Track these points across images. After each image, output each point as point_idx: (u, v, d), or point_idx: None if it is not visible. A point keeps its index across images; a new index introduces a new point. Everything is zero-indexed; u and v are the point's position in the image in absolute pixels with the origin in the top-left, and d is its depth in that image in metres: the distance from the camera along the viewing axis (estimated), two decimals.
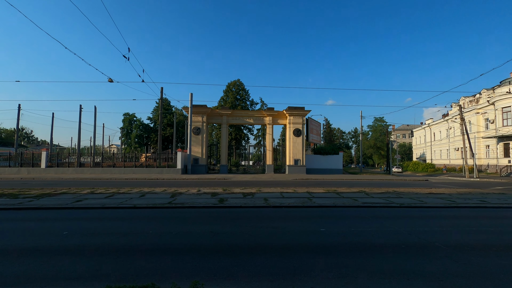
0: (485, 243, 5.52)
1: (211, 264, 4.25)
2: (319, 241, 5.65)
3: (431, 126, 62.21)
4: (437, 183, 22.29)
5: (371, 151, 75.40)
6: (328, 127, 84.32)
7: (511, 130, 35.47)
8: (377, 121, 71.83)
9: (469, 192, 14.71)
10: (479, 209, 9.76)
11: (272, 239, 5.75)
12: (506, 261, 4.54)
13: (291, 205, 9.83)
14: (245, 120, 34.52)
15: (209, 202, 10.08)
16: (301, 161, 31.89)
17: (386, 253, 4.92)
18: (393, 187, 16.91)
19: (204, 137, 31.60)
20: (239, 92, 53.30)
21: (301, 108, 32.32)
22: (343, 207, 9.70)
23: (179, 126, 56.00)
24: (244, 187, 15.98)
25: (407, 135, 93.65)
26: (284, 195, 12.37)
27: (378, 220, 7.74)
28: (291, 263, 4.32)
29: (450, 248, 5.15)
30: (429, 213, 9.05)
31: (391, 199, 11.31)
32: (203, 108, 31.61)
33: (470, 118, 44.62)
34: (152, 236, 5.90)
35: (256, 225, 7.05)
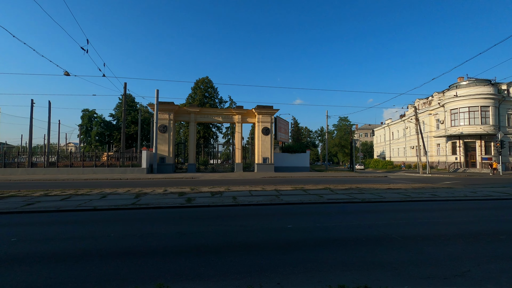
0: (435, 234, 6.03)
1: (177, 265, 4.14)
2: (286, 237, 5.78)
3: (390, 126, 66.43)
4: (395, 179, 23.88)
5: (336, 149, 78.70)
6: (296, 126, 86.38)
7: (458, 130, 39.10)
8: (342, 121, 75.19)
9: (422, 187, 15.97)
10: (431, 202, 10.63)
11: (240, 237, 5.76)
12: (452, 249, 5.01)
13: (260, 203, 9.92)
14: (213, 118, 34.12)
15: (176, 202, 9.82)
16: (270, 159, 32.31)
17: (348, 246, 5.17)
18: (356, 184, 17.80)
19: (171, 135, 30.69)
20: (207, 90, 52.49)
21: (270, 107, 32.72)
22: (310, 204, 10.00)
23: (144, 123, 53.74)
24: (213, 186, 15.81)
25: (368, 134, 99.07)
26: (252, 193, 12.44)
27: (341, 215, 8.10)
28: (258, 260, 4.36)
29: (405, 239, 5.55)
30: (388, 207, 9.67)
31: (353, 195, 11.90)
32: (170, 105, 30.66)
33: (424, 119, 48.39)
34: (113, 239, 5.60)
35: (224, 224, 7.01)
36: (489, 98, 37.60)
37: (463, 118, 39.01)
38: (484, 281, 3.62)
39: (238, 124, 33.17)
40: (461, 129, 38.70)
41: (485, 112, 37.69)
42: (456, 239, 5.61)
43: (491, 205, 10.26)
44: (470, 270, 4.01)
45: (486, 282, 3.59)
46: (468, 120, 38.49)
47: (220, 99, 54.65)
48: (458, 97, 39.24)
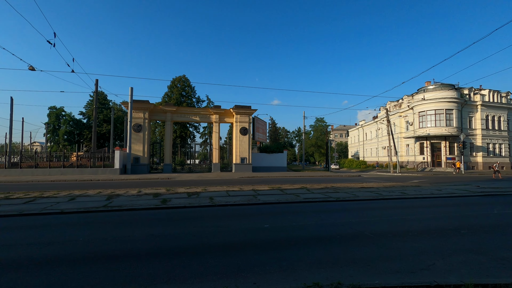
0: (404, 230, 6.33)
1: (150, 269, 4.02)
2: (263, 237, 5.80)
3: (363, 127, 68.94)
4: (368, 178, 24.80)
5: (313, 150, 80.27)
6: (274, 126, 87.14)
7: (425, 132, 41.39)
8: (318, 122, 76.79)
9: (393, 185, 16.73)
10: (400, 200, 11.16)
11: (216, 238, 5.70)
12: (419, 244, 5.28)
13: (237, 203, 9.89)
14: (190, 117, 33.54)
15: (151, 204, 9.53)
16: (248, 159, 32.33)
17: (323, 244, 5.29)
18: (331, 183, 18.27)
19: (146, 135, 29.78)
20: (184, 89, 51.54)
21: (248, 107, 32.74)
22: (286, 203, 10.12)
23: (117, 122, 51.64)
24: (189, 186, 15.54)
25: (343, 134, 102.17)
26: (230, 193, 12.38)
27: (317, 214, 8.28)
28: (235, 261, 4.34)
29: (376, 236, 5.77)
30: (361, 205, 10.02)
31: (329, 194, 12.20)
32: (145, 104, 29.74)
33: (395, 121, 50.71)
34: (82, 243, 5.33)
35: (201, 225, 6.91)
36: (453, 101, 40.16)
37: (430, 120, 41.33)
38: (447, 273, 3.86)
39: (215, 124, 32.87)
40: (428, 130, 41.00)
41: (449, 115, 40.20)
42: (423, 235, 5.93)
43: (454, 202, 10.95)
44: (435, 263, 4.26)
45: (449, 274, 3.82)
46: (434, 122, 40.85)
47: (198, 99, 53.90)
48: (426, 101, 41.53)
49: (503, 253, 4.77)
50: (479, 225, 6.92)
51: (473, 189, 14.40)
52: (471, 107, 42.38)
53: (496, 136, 43.26)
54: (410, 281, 3.48)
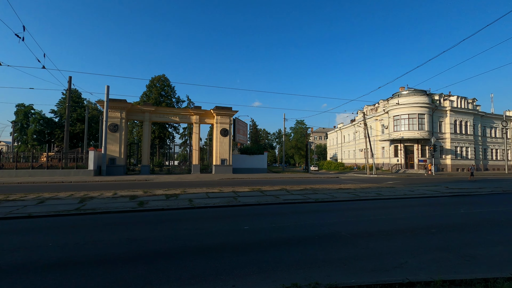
0: (379, 229, 6.56)
1: (126, 274, 3.88)
2: (243, 239, 5.79)
3: (341, 130, 70.78)
4: (345, 180, 25.47)
5: (293, 151, 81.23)
6: (255, 128, 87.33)
7: (399, 135, 43.18)
8: (299, 124, 77.87)
9: (369, 187, 17.29)
10: (376, 201, 11.56)
11: (195, 241, 5.61)
12: (393, 243, 5.49)
13: (217, 205, 9.80)
14: (170, 118, 32.85)
15: (127, 206, 9.22)
16: (228, 161, 32.17)
17: (302, 245, 5.36)
18: (310, 184, 18.58)
19: (123, 135, 28.82)
20: (164, 88, 50.38)
21: (229, 108, 32.60)
22: (266, 205, 10.17)
23: (92, 122, 49.61)
24: (168, 188, 15.20)
25: (323, 137, 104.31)
26: (209, 195, 12.25)
27: (296, 215, 8.38)
28: (214, 264, 4.30)
29: (353, 236, 5.93)
30: (338, 206, 10.27)
31: (308, 195, 12.40)
32: (122, 103, 28.79)
33: (371, 124, 52.50)
34: (52, 249, 5.05)
35: (179, 227, 6.78)
36: (424, 107, 42.22)
37: (403, 124, 43.18)
38: (418, 271, 4.04)
39: (195, 124, 32.43)
40: (402, 134, 42.79)
41: (421, 119, 42.21)
42: (396, 234, 6.17)
43: (425, 202, 11.49)
44: (407, 261, 4.44)
45: (419, 271, 4.00)
46: (408, 126, 42.72)
47: (178, 99, 52.90)
48: (400, 105, 43.36)
49: (468, 250, 5.06)
50: (447, 224, 7.30)
51: (442, 190, 15.18)
52: (441, 112, 44.74)
53: (463, 140, 45.95)
54: (384, 279, 3.60)
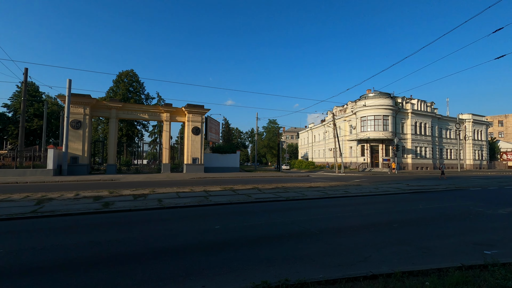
0: (346, 226, 6.84)
1: (88, 279, 3.67)
2: (214, 238, 5.73)
3: (312, 130, 72.72)
4: (316, 178, 26.21)
5: (265, 151, 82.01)
6: (227, 126, 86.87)
7: (366, 135, 45.33)
8: (271, 123, 78.66)
9: (337, 185, 17.95)
10: (344, 198, 12.02)
11: (164, 242, 5.45)
12: (358, 238, 5.75)
13: (187, 204, 9.60)
14: (139, 115, 31.58)
15: (91, 208, 8.72)
16: (200, 159, 31.67)
17: (273, 243, 5.43)
18: (282, 183, 18.87)
19: (87, 132, 27.20)
20: (132, 84, 48.25)
21: (201, 106, 32.09)
22: (238, 204, 10.16)
23: (52, 117, 46.19)
24: (136, 188, 14.61)
25: (294, 136, 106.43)
26: (180, 195, 11.97)
27: (268, 213, 8.47)
28: (183, 265, 4.21)
29: (322, 233, 6.12)
30: (309, 204, 10.54)
31: (279, 194, 12.58)
32: (86, 98, 27.15)
33: (340, 124, 54.52)
34: (4, 255, 4.63)
35: (148, 228, 6.54)
36: (389, 109, 44.71)
37: (370, 125, 45.39)
38: (381, 264, 4.27)
39: (166, 122, 31.50)
40: (368, 134, 44.97)
41: (386, 121, 44.65)
42: (361, 229, 6.47)
43: (388, 198, 12.18)
44: (371, 255, 4.68)
45: (382, 264, 4.23)
46: (373, 126, 44.97)
47: (147, 95, 50.99)
48: (366, 107, 45.50)
49: (425, 243, 5.45)
50: (407, 219, 7.80)
51: (403, 187, 16.19)
52: (403, 114, 47.63)
53: (423, 141, 49.34)
54: (350, 273, 3.76)
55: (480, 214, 8.47)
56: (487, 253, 4.78)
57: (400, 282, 3.48)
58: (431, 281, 3.49)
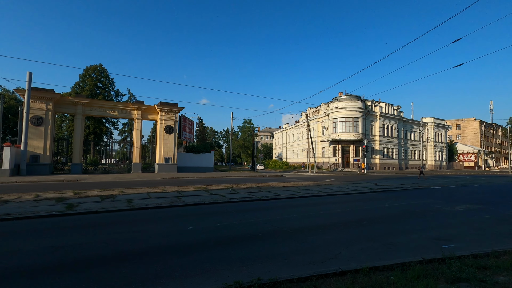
0: (318, 224, 7.01)
1: (48, 287, 3.43)
2: (186, 239, 5.61)
3: (287, 130, 73.83)
4: (289, 178, 26.62)
5: (240, 150, 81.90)
6: (202, 125, 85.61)
7: (337, 136, 46.87)
8: (246, 123, 78.73)
9: (310, 184, 18.37)
10: (316, 197, 12.33)
11: (133, 244, 5.24)
12: (329, 236, 5.93)
13: (159, 205, 9.32)
14: (108, 112, 30.11)
15: (52, 210, 8.17)
16: (173, 159, 30.90)
17: (246, 242, 5.43)
18: (256, 183, 18.95)
19: (49, 129, 25.46)
20: (101, 80, 45.90)
21: (174, 105, 31.31)
22: (212, 204, 10.04)
23: (9, 113, 42.66)
24: (103, 188, 13.92)
25: (269, 136, 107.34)
26: (151, 195, 11.59)
27: (242, 213, 8.46)
28: (153, 267, 4.07)
29: (294, 232, 6.23)
30: (282, 203, 10.68)
31: (253, 194, 12.62)
32: (49, 93, 25.39)
33: (314, 125, 55.85)
34: None
35: (116, 231, 6.26)
36: (359, 111, 46.60)
37: (341, 126, 47.01)
38: (350, 260, 4.43)
39: (137, 120, 30.34)
40: (340, 135, 46.54)
41: (356, 122, 46.49)
42: (332, 228, 6.68)
43: (358, 197, 12.68)
44: (340, 252, 4.84)
45: (351, 261, 4.38)
46: (345, 128, 46.64)
47: (117, 92, 48.77)
48: (338, 109, 47.08)
49: (391, 239, 5.74)
50: (375, 216, 8.17)
51: (372, 186, 16.95)
52: (372, 116, 49.87)
53: (390, 142, 51.99)
54: (321, 270, 3.86)
55: (439, 211, 9.09)
56: (445, 247, 5.14)
57: (367, 277, 3.64)
58: (395, 275, 3.68)
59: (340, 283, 3.45)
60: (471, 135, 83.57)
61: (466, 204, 10.53)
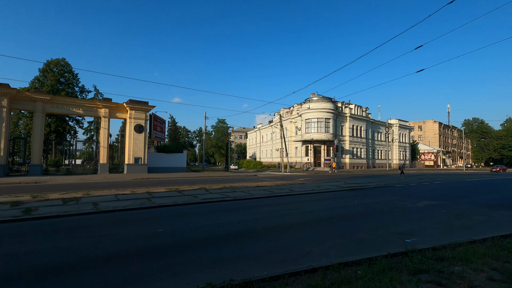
0: (291, 223, 7.12)
1: None
2: (156, 242, 5.43)
3: (260, 130, 74.28)
4: (263, 178, 26.80)
5: (213, 150, 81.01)
6: (174, 125, 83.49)
7: (310, 136, 48.04)
8: (220, 123, 78.01)
9: (283, 184, 18.64)
10: (289, 196, 12.53)
11: (99, 249, 4.97)
12: (301, 234, 6.04)
13: (128, 208, 8.93)
14: (71, 109, 28.30)
15: (6, 215, 7.51)
16: (143, 159, 29.80)
17: (219, 243, 5.37)
18: (230, 183, 18.85)
19: (3, 127, 23.41)
20: (63, 75, 42.98)
21: (145, 103, 30.21)
22: (184, 205, 9.82)
23: None
24: (66, 191, 13.05)
25: (243, 136, 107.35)
26: (119, 197, 11.08)
27: (215, 214, 8.36)
28: (121, 273, 3.89)
29: (267, 231, 6.27)
30: (256, 203, 10.71)
31: (227, 194, 12.54)
32: (4, 88, 23.32)
33: (287, 126, 56.73)
34: None
35: (80, 236, 5.89)
36: (330, 112, 48.13)
37: (314, 127, 48.24)
38: (321, 257, 4.55)
39: (104, 119, 28.85)
40: (312, 135, 47.73)
41: (327, 123, 47.97)
42: (304, 226, 6.82)
43: (329, 196, 13.07)
44: (312, 250, 4.95)
45: (322, 258, 4.50)
46: (317, 128, 47.91)
47: (82, 88, 45.96)
48: (311, 110, 48.26)
49: (359, 235, 5.98)
50: (345, 214, 8.48)
51: (342, 185, 17.57)
52: (342, 117, 51.75)
53: (359, 142, 54.29)
54: (293, 268, 3.92)
55: (403, 208, 9.65)
56: (408, 241, 5.45)
57: (337, 273, 3.75)
58: (362, 270, 3.83)
59: (311, 280, 3.53)
60: (431, 136, 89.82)
61: (427, 201, 11.27)
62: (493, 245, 5.03)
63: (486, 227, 6.92)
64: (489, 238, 5.49)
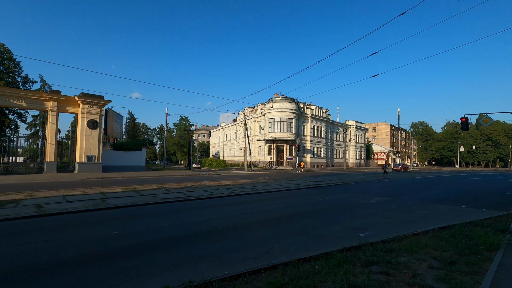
0: (253, 221, 7.16)
1: None
2: (110, 246, 5.09)
3: (224, 128, 73.72)
4: (226, 176, 26.64)
5: (175, 148, 78.59)
6: (132, 121, 79.27)
7: (273, 136, 48.89)
8: (182, 120, 75.86)
9: (246, 182, 18.71)
10: (251, 195, 12.60)
11: (42, 256, 4.51)
12: (262, 232, 6.10)
13: (78, 209, 8.25)
14: (12, 101, 25.35)
15: None
16: (97, 157, 27.80)
17: (178, 244, 5.20)
18: (192, 182, 18.42)
19: None
20: (2, 62, 38.31)
21: (100, 97, 28.20)
22: (142, 205, 9.36)
23: None
24: (4, 192, 11.66)
25: (206, 134, 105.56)
26: (68, 198, 10.20)
27: (175, 214, 8.10)
28: (68, 281, 3.57)
29: (229, 230, 6.23)
30: (218, 202, 10.59)
31: (188, 193, 12.22)
32: None
33: (251, 125, 57.04)
34: None
35: (18, 242, 5.29)
36: (293, 112, 49.45)
37: (277, 126, 49.18)
38: (281, 254, 4.63)
39: (52, 113, 26.33)
40: (275, 135, 48.64)
41: (290, 123, 49.23)
42: (265, 224, 6.90)
43: (290, 194, 13.42)
44: (273, 247, 5.02)
45: (282, 254, 4.59)
46: (280, 128, 48.93)
47: (26, 78, 41.28)
48: (274, 109, 49.11)
49: (318, 231, 6.22)
50: (305, 211, 8.76)
51: (303, 183, 18.15)
52: (304, 118, 53.52)
53: (319, 142, 56.60)
54: (253, 266, 3.94)
55: (358, 204, 10.26)
56: (362, 235, 5.81)
57: (296, 268, 3.85)
58: (320, 264, 3.99)
59: (271, 277, 3.58)
60: (383, 137, 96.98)
61: (379, 197, 12.13)
62: (433, 236, 5.57)
63: (429, 220, 7.64)
64: (430, 230, 6.08)
